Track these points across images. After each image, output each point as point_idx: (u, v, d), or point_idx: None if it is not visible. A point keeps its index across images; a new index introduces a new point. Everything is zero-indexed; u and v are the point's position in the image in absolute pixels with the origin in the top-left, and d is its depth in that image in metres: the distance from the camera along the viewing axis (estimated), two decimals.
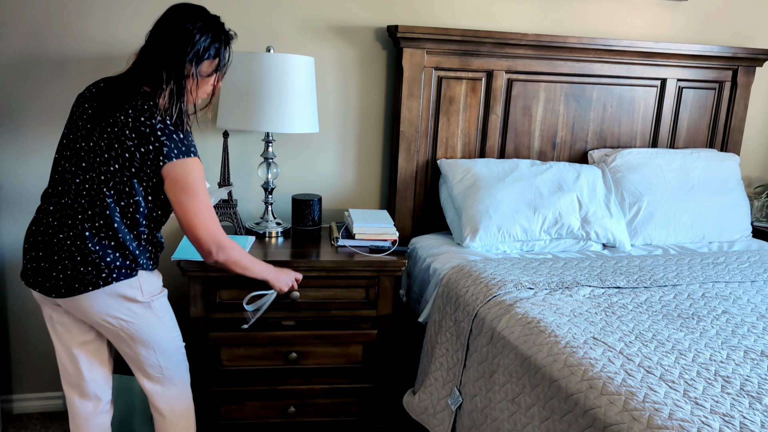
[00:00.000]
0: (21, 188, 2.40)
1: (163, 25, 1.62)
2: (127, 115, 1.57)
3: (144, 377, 1.80)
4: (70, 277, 1.60)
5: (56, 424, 2.51)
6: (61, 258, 1.60)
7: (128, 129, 1.56)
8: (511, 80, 2.62)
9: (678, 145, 2.88)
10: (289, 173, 2.59)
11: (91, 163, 1.60)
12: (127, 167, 1.57)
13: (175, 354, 1.81)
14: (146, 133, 1.55)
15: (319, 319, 2.20)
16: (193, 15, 1.62)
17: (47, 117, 2.37)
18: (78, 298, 1.61)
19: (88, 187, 1.60)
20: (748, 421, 1.29)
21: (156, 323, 1.73)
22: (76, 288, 1.60)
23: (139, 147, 1.56)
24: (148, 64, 1.61)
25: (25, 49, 2.31)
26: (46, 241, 1.63)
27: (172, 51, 1.59)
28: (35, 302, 2.49)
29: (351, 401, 2.28)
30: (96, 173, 1.59)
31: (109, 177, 1.58)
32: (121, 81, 1.65)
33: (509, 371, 1.70)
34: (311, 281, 2.15)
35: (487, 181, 2.45)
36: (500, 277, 2.04)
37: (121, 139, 1.56)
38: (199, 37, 1.61)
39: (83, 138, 1.62)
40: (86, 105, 1.66)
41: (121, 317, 1.66)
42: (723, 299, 1.98)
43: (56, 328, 1.75)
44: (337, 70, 2.55)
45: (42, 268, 1.63)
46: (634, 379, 1.43)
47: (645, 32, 2.80)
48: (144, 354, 1.74)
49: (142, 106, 1.58)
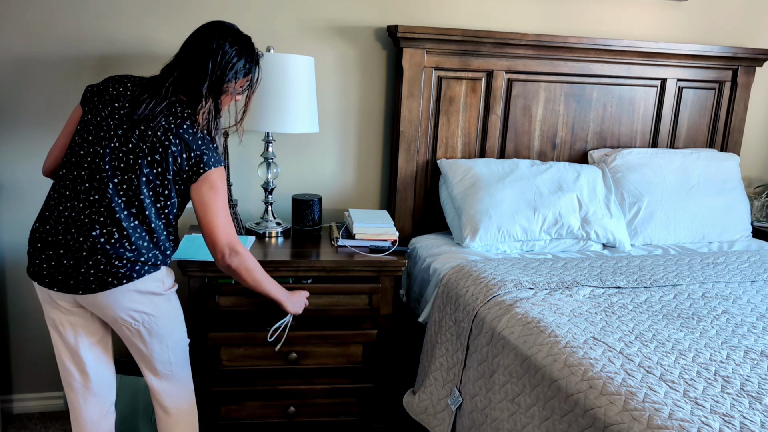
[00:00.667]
0: (21, 188, 2.40)
1: (202, 42, 1.69)
2: (168, 122, 1.64)
3: (152, 374, 1.81)
4: (103, 272, 1.61)
5: (56, 424, 2.51)
6: (90, 255, 1.61)
7: (172, 135, 1.63)
8: (511, 80, 2.62)
9: (678, 145, 2.88)
10: (289, 173, 2.59)
11: (131, 164, 1.63)
12: (169, 171, 1.64)
13: (183, 350, 1.84)
14: (188, 141, 1.64)
15: (319, 318, 2.20)
16: (232, 37, 1.72)
17: (47, 117, 2.37)
18: (107, 293, 1.62)
19: (126, 188, 1.63)
20: (748, 421, 1.29)
21: (173, 316, 1.78)
22: (109, 282, 1.61)
23: (182, 153, 1.64)
24: (186, 78, 1.68)
25: (25, 49, 2.31)
26: (72, 239, 1.62)
27: (212, 70, 1.68)
28: (35, 302, 2.49)
29: (351, 401, 2.28)
30: (135, 174, 1.63)
31: (149, 179, 1.64)
32: (156, 86, 1.69)
33: (509, 371, 1.70)
34: (312, 284, 2.14)
35: (487, 181, 2.45)
36: (500, 277, 2.04)
37: (165, 144, 1.63)
38: (237, 59, 1.71)
39: (119, 138, 1.64)
40: (116, 104, 1.67)
41: (145, 310, 1.69)
42: (723, 299, 1.98)
43: (62, 330, 1.73)
44: (337, 70, 2.55)
45: (64, 266, 1.62)
46: (634, 379, 1.43)
47: (645, 32, 2.80)
48: (158, 349, 1.76)
49: (182, 114, 1.66)
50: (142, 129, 1.63)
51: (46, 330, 2.53)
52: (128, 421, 2.26)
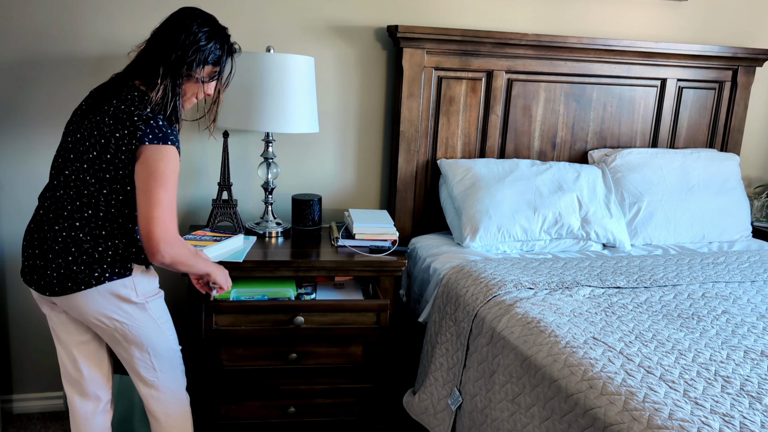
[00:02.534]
0: (21, 188, 2.40)
1: (170, 24, 1.64)
2: (110, 105, 1.58)
3: (139, 380, 1.79)
4: (63, 276, 1.59)
5: (56, 424, 2.51)
6: (55, 254, 1.60)
7: (108, 117, 1.56)
8: (511, 80, 2.62)
9: (678, 145, 2.88)
10: (289, 173, 2.59)
11: (77, 153, 1.60)
12: (104, 152, 1.55)
13: (170, 357, 1.79)
14: (122, 119, 1.54)
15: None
16: (202, 19, 1.65)
17: (47, 117, 2.37)
18: (72, 296, 1.61)
19: (74, 178, 1.59)
20: (748, 421, 1.29)
21: (151, 325, 1.71)
22: (69, 287, 1.59)
23: (114, 132, 1.54)
24: (146, 59, 1.62)
25: (25, 49, 2.31)
26: (41, 237, 1.63)
27: (174, 49, 1.60)
28: (35, 302, 2.49)
29: (351, 401, 2.28)
30: (80, 162, 1.59)
31: (88, 165, 1.57)
32: (116, 77, 1.67)
33: (509, 371, 1.70)
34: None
35: (487, 181, 2.45)
36: (500, 277, 2.04)
37: (100, 126, 1.56)
38: (204, 41, 1.62)
39: (73, 132, 1.64)
40: (82, 103, 1.69)
41: (114, 317, 1.64)
42: (723, 299, 1.98)
43: (54, 326, 1.76)
44: (337, 70, 2.55)
45: (38, 266, 1.63)
46: (634, 379, 1.43)
47: (645, 32, 2.80)
48: (138, 356, 1.73)
49: (126, 96, 1.58)
50: (89, 119, 1.60)
51: (46, 330, 2.53)
52: (127, 421, 2.26)
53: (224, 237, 2.18)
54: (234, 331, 2.06)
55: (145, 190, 1.52)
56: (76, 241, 1.59)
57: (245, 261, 2.07)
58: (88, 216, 1.59)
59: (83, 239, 1.59)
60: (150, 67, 1.60)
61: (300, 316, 2.08)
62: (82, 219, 1.59)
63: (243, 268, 2.07)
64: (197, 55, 1.62)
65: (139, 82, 1.62)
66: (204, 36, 1.62)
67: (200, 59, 1.63)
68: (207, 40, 1.63)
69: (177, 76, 1.61)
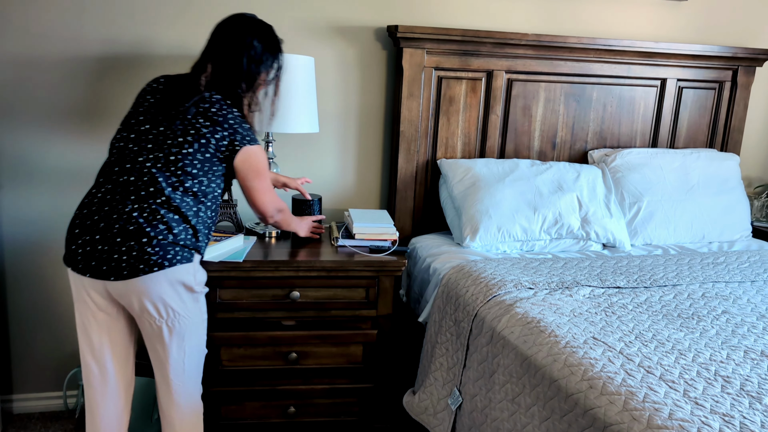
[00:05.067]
0: (21, 188, 2.40)
1: (234, 39, 1.79)
2: (200, 106, 1.72)
3: (163, 382, 1.79)
4: (135, 258, 1.62)
5: (56, 424, 2.51)
6: (127, 237, 1.62)
7: (202, 117, 1.71)
8: (511, 80, 2.62)
9: (678, 145, 2.88)
10: (289, 173, 2.59)
11: (159, 144, 1.69)
12: (201, 151, 1.70)
13: (198, 360, 1.83)
14: (219, 122, 1.72)
15: (319, 319, 2.20)
16: (259, 29, 1.82)
17: (47, 117, 2.37)
18: (138, 280, 1.63)
19: (151, 165, 1.67)
20: (748, 421, 1.29)
21: (197, 319, 1.77)
22: (140, 269, 1.62)
23: (214, 134, 1.71)
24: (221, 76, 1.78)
25: (25, 49, 2.31)
26: (106, 220, 1.65)
27: (247, 66, 1.79)
28: (36, 302, 2.49)
29: (351, 401, 2.28)
30: (164, 153, 1.68)
31: (178, 158, 1.68)
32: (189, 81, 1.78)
33: (509, 371, 1.70)
34: (311, 281, 2.15)
35: (487, 181, 2.45)
36: (500, 277, 2.04)
37: (196, 126, 1.70)
38: (268, 53, 1.83)
39: (148, 122, 1.73)
40: (148, 97, 1.78)
41: (171, 305, 1.69)
42: (723, 299, 1.98)
43: (88, 328, 1.74)
44: (337, 70, 2.55)
45: (98, 251, 1.64)
46: (634, 379, 1.43)
47: (645, 32, 2.80)
48: (175, 352, 1.75)
49: (214, 100, 1.75)
50: (173, 114, 1.70)
51: (46, 330, 2.53)
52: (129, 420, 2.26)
53: (224, 237, 2.18)
54: (237, 303, 2.13)
55: (248, 182, 1.82)
56: (152, 223, 1.63)
57: (245, 261, 2.08)
58: (164, 200, 1.66)
59: (159, 222, 1.64)
60: (228, 83, 1.78)
61: (296, 291, 2.13)
62: (159, 203, 1.65)
63: (243, 268, 2.07)
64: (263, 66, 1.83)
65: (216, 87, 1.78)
66: (265, 47, 1.82)
67: (267, 69, 1.85)
68: (270, 51, 1.84)
69: (253, 89, 1.83)
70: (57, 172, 2.41)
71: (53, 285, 2.50)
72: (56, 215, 2.43)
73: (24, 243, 2.44)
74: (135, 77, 2.40)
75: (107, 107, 2.40)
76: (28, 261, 2.46)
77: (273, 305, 2.15)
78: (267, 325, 2.18)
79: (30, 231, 2.44)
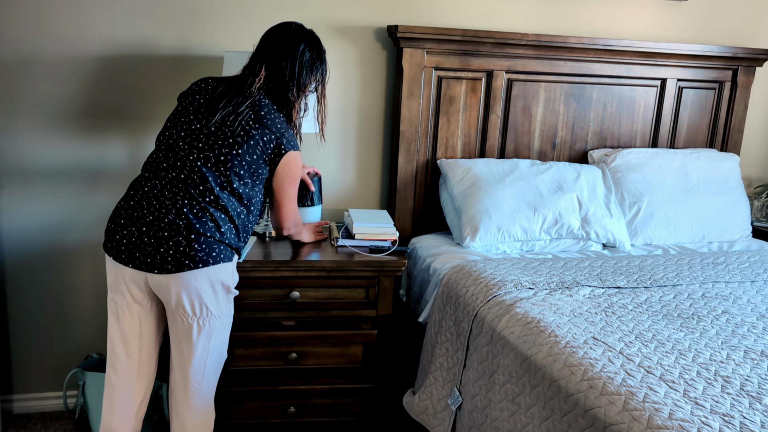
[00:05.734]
0: (21, 188, 2.40)
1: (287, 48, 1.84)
2: (249, 108, 1.76)
3: (180, 382, 1.80)
4: (181, 253, 1.64)
5: (56, 424, 2.51)
6: (175, 232, 1.65)
7: (252, 119, 1.75)
8: (511, 80, 2.62)
9: (678, 145, 2.88)
10: None
11: (210, 144, 1.72)
12: (250, 153, 1.74)
13: (217, 363, 1.84)
14: (267, 124, 1.77)
15: (319, 320, 2.20)
16: (307, 38, 1.88)
17: (47, 117, 2.37)
18: (182, 275, 1.65)
19: (201, 164, 1.71)
20: (748, 421, 1.29)
21: (226, 321, 1.81)
22: (185, 264, 1.64)
23: (263, 136, 1.75)
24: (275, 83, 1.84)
25: (25, 49, 2.31)
26: (153, 213, 1.67)
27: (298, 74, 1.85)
28: (36, 302, 2.49)
29: (351, 401, 2.28)
30: (214, 153, 1.72)
31: (228, 159, 1.71)
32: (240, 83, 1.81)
33: (509, 371, 1.70)
34: (311, 281, 2.15)
35: (487, 181, 2.45)
36: (500, 277, 2.04)
37: (246, 129, 1.74)
38: (316, 61, 1.90)
39: (198, 121, 1.76)
40: (197, 97, 1.80)
41: (206, 303, 1.71)
42: (723, 299, 1.98)
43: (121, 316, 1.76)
44: (337, 70, 2.55)
45: (144, 243, 1.66)
46: (634, 379, 1.43)
47: (645, 32, 2.80)
48: (199, 353, 1.75)
49: (260, 102, 1.79)
50: (224, 114, 1.73)
51: (46, 330, 2.53)
52: None
53: None
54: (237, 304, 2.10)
55: (282, 188, 1.86)
56: (202, 220, 1.67)
57: (245, 261, 2.08)
58: (214, 199, 1.70)
59: (209, 220, 1.68)
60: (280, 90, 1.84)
61: (296, 291, 2.13)
62: (209, 201, 1.69)
63: (243, 268, 2.07)
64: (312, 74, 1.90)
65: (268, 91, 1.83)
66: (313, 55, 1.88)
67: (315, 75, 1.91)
68: (318, 59, 1.90)
69: (302, 94, 1.89)
70: (57, 172, 2.41)
71: (53, 285, 2.50)
72: (56, 215, 2.43)
73: (24, 243, 2.44)
74: (135, 77, 2.40)
75: (107, 107, 2.41)
76: (28, 261, 2.46)
77: (273, 305, 2.15)
78: (267, 325, 2.18)
79: (30, 231, 2.43)
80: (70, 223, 2.45)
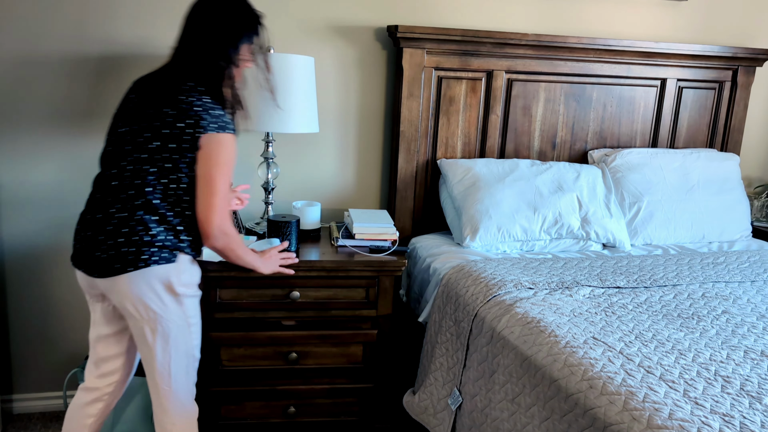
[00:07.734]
0: (21, 188, 2.40)
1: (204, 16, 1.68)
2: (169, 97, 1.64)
3: (153, 385, 1.78)
4: (112, 257, 1.63)
5: (56, 424, 2.51)
6: (107, 236, 1.64)
7: (169, 108, 1.63)
8: (511, 80, 2.62)
9: (678, 145, 2.88)
10: (289, 173, 2.59)
11: (136, 144, 1.65)
12: (168, 142, 1.62)
13: (185, 365, 1.77)
14: (184, 109, 1.62)
15: (319, 319, 2.20)
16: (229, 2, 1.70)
17: (47, 117, 2.37)
18: (117, 279, 1.64)
19: (132, 168, 1.64)
20: (748, 421, 1.29)
21: (181, 323, 1.71)
22: (116, 268, 1.63)
23: (177, 122, 1.61)
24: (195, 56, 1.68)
25: (25, 49, 2.31)
26: (94, 221, 1.67)
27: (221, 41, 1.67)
28: (35, 302, 2.49)
29: (351, 401, 2.28)
30: (139, 153, 1.64)
31: (149, 155, 1.63)
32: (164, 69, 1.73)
33: (509, 371, 1.70)
34: (311, 281, 2.15)
35: (487, 181, 2.45)
36: (500, 277, 2.04)
37: (162, 118, 1.63)
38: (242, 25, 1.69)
39: (127, 123, 1.69)
40: (131, 96, 1.73)
41: (151, 306, 1.66)
42: (723, 299, 1.98)
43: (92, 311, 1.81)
44: (337, 70, 2.55)
45: (88, 248, 1.67)
46: (634, 379, 1.43)
47: (645, 32, 2.80)
48: (160, 357, 1.71)
49: (183, 87, 1.65)
50: (148, 112, 1.66)
51: (46, 330, 2.53)
52: (128, 420, 2.26)
53: None
54: (237, 303, 2.13)
55: (206, 178, 1.63)
56: (129, 224, 1.63)
57: None
58: (143, 202, 1.64)
59: (137, 224, 1.63)
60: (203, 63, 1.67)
61: (296, 291, 2.13)
62: (137, 204, 1.64)
63: (243, 268, 2.07)
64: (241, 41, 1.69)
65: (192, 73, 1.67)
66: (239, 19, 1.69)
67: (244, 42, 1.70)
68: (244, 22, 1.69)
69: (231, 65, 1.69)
70: (57, 172, 2.41)
71: (53, 285, 2.50)
72: (56, 215, 2.43)
73: (24, 243, 2.44)
74: (135, 77, 2.39)
75: (107, 107, 2.40)
76: (28, 261, 2.46)
77: (273, 305, 2.15)
78: (267, 325, 2.18)
79: (30, 231, 2.44)
80: (70, 224, 2.45)
